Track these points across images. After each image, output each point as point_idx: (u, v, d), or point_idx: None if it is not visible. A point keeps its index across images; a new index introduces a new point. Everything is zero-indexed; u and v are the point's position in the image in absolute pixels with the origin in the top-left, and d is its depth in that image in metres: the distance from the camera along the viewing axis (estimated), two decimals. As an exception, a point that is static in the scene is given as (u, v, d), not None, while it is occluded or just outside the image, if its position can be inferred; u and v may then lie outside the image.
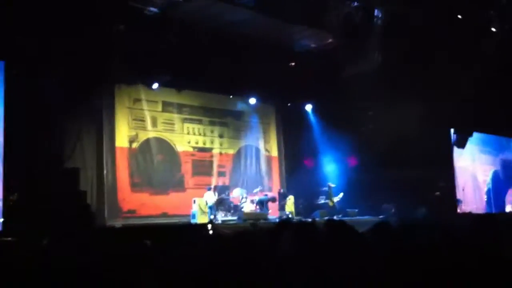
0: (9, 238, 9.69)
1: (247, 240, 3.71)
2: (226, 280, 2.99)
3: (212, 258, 3.36)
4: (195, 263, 3.26)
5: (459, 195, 20.35)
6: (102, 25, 13.78)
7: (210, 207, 16.73)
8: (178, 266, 3.25)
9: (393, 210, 18.50)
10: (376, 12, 15.34)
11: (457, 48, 15.99)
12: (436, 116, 17.44)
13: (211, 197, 16.94)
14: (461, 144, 20.45)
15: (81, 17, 13.27)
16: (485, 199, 21.49)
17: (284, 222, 5.63)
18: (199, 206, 16.31)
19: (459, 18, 15.65)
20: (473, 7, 15.44)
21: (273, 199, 18.63)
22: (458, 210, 19.38)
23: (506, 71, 16.24)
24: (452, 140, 20.29)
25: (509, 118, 18.18)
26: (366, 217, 17.73)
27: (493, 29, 15.91)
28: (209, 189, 17.44)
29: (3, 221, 12.07)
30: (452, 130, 20.35)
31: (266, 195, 18.51)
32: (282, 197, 19.20)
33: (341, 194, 19.10)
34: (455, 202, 19.78)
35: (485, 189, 22.09)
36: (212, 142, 19.78)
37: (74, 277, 3.10)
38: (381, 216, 17.63)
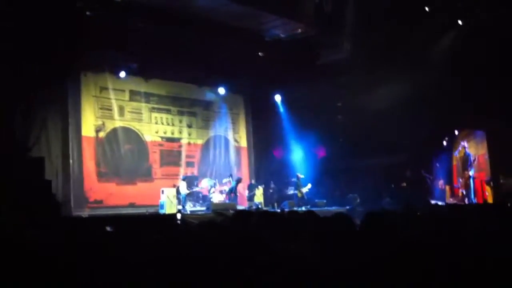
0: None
1: (212, 229, 3.65)
2: (190, 268, 2.94)
3: (178, 246, 3.30)
4: (160, 251, 3.20)
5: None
6: (69, 10, 13.49)
7: (184, 197, 16.66)
8: (141, 254, 3.18)
9: (358, 200, 18.72)
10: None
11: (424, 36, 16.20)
12: (403, 106, 17.54)
13: (184, 187, 16.86)
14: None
15: (47, 1, 13.01)
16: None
17: (248, 212, 5.62)
18: (168, 197, 16.18)
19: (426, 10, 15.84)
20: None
21: (239, 180, 18.46)
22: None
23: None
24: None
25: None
26: (333, 208, 17.86)
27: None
28: (184, 178, 17.36)
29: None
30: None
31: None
32: (252, 188, 19.18)
33: (309, 185, 19.19)
34: (425, 192, 19.99)
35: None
36: (180, 132, 19.63)
37: (38, 265, 3.05)
38: (347, 207, 17.84)
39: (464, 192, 20.01)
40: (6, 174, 12.29)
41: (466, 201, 19.51)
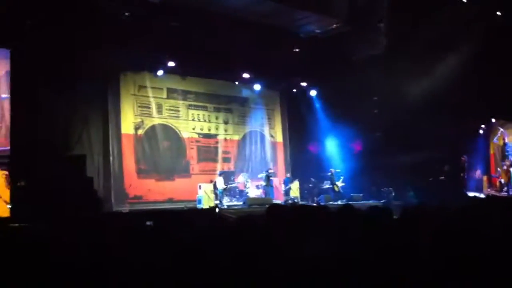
0: (17, 224, 9.83)
1: (250, 223, 3.77)
2: (228, 261, 3.07)
3: (216, 239, 3.44)
4: (199, 244, 3.34)
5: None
6: (106, 12, 13.81)
7: (221, 192, 16.90)
8: (181, 246, 3.32)
9: (393, 194, 18.65)
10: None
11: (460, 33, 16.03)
12: (439, 102, 17.39)
13: (221, 182, 17.09)
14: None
15: (86, 5, 13.34)
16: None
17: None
18: (205, 192, 16.44)
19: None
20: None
21: (268, 171, 18.62)
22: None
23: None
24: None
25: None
26: (370, 201, 17.85)
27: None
28: (221, 174, 17.60)
29: (11, 207, 12.21)
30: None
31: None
32: (287, 182, 19.30)
33: (342, 178, 19.20)
34: (462, 186, 19.76)
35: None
36: (217, 128, 19.87)
37: (81, 262, 3.18)
38: (382, 201, 17.80)
39: (503, 182, 19.68)
40: (49, 172, 12.69)
41: (505, 190, 19.20)
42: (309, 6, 15.29)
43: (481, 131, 20.88)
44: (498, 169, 20.21)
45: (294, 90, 21.69)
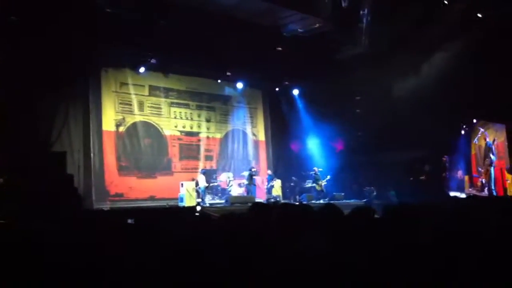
0: (-3, 221, 9.72)
1: (234, 221, 3.76)
2: (211, 258, 3.06)
3: (198, 236, 3.43)
4: (181, 241, 3.32)
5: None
6: (89, 7, 13.68)
7: (203, 190, 16.85)
8: (163, 243, 3.31)
9: (374, 193, 18.78)
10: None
11: (449, 31, 16.15)
12: (422, 102, 17.53)
13: (203, 181, 17.06)
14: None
15: (66, 0, 13.22)
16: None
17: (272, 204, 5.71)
18: (187, 190, 16.38)
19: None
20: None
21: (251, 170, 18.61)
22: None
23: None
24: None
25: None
26: (352, 201, 17.97)
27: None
28: (204, 172, 17.55)
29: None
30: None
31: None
32: (269, 179, 19.32)
33: (328, 177, 19.27)
34: (443, 186, 19.96)
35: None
36: (199, 126, 19.82)
37: (63, 258, 3.14)
38: (364, 200, 17.93)
39: (484, 181, 19.91)
40: (29, 169, 12.57)
41: (486, 190, 19.43)
42: (293, 5, 15.30)
43: (462, 132, 21.08)
44: (479, 169, 20.44)
45: (277, 89, 21.71)
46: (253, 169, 18.62)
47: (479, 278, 2.98)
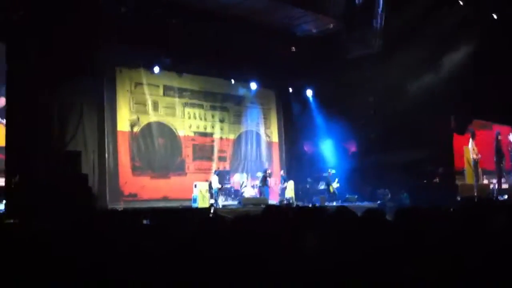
0: (11, 220, 9.80)
1: (247, 223, 3.76)
2: (224, 259, 3.06)
3: (211, 238, 3.43)
4: (196, 243, 3.33)
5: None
6: (102, 8, 13.76)
7: (216, 192, 16.85)
8: (177, 245, 3.31)
9: (388, 196, 18.66)
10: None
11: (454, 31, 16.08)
12: (435, 102, 17.43)
13: (216, 182, 17.05)
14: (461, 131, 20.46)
15: (82, 0, 13.31)
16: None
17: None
18: (200, 191, 16.39)
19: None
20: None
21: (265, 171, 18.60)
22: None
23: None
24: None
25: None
26: (365, 203, 17.88)
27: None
28: (217, 173, 17.54)
29: (5, 203, 12.15)
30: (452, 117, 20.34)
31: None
32: (282, 180, 19.28)
33: (336, 180, 19.18)
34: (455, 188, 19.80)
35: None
36: (213, 127, 19.83)
37: (75, 259, 3.14)
38: (378, 202, 17.81)
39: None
40: (45, 168, 12.65)
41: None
42: (307, 5, 15.30)
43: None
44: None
45: (290, 90, 21.68)
46: (268, 171, 18.59)
47: (486, 279, 2.97)
